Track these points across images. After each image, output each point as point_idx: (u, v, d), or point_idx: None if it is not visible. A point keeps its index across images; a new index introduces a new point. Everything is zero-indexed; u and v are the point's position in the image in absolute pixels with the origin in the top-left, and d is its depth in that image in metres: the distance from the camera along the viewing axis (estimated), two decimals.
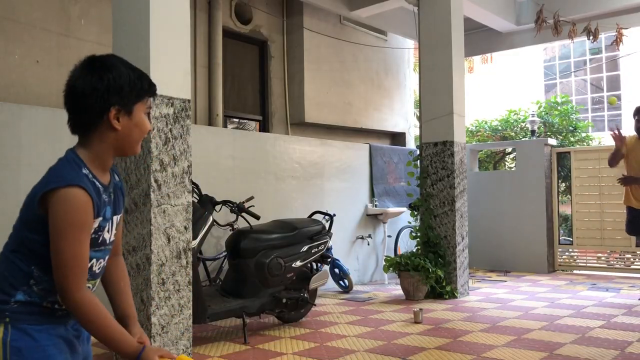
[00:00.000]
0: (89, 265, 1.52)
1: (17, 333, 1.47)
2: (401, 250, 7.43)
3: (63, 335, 1.56)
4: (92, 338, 1.62)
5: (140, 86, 1.56)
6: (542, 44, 9.93)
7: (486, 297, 6.09)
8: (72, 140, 1.66)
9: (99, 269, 1.61)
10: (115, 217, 1.63)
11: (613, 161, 5.81)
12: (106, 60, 1.56)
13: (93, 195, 1.49)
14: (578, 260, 8.13)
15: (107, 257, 1.64)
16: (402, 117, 9.34)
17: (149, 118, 1.63)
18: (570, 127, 11.60)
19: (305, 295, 4.73)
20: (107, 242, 1.60)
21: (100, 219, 1.54)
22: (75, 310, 1.47)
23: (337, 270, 6.51)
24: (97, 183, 1.55)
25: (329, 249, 5.33)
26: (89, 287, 1.54)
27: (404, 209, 7.41)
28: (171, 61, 3.63)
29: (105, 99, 1.50)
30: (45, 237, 1.47)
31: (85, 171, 1.53)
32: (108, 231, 1.60)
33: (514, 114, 11.94)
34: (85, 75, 1.52)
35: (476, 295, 6.17)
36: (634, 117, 5.69)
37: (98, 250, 1.57)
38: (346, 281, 6.49)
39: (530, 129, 11.34)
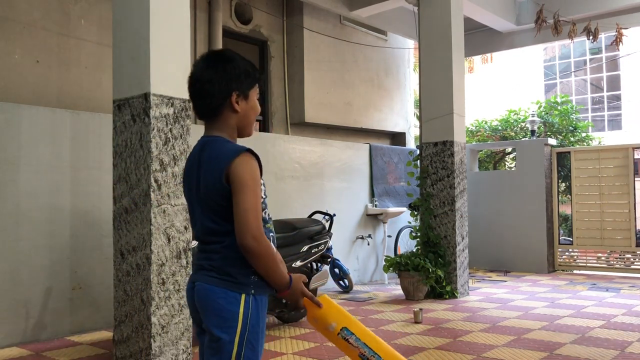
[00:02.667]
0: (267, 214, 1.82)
1: (255, 305, 1.75)
2: (401, 250, 7.44)
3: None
4: None
5: (253, 74, 1.83)
6: (542, 44, 9.94)
7: (486, 297, 6.09)
8: (72, 140, 1.67)
9: (268, 216, 1.87)
10: None
11: None
12: (225, 53, 1.84)
13: (258, 159, 1.78)
14: (578, 260, 8.13)
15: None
16: (402, 117, 9.34)
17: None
18: (570, 127, 11.61)
19: None
20: (267, 221, 1.86)
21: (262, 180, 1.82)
22: (258, 249, 1.67)
23: (337, 270, 6.51)
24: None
25: (329, 249, 5.32)
26: (268, 227, 1.82)
27: (404, 209, 7.41)
28: (171, 61, 3.63)
29: (228, 85, 1.77)
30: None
31: (248, 147, 1.78)
32: (266, 207, 1.87)
33: (514, 114, 11.95)
34: (210, 66, 1.79)
35: (476, 295, 6.17)
36: None
37: (265, 202, 1.84)
38: (346, 281, 6.49)
39: (530, 129, 11.35)
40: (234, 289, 1.72)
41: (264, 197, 1.80)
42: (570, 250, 8.20)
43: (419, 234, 6.28)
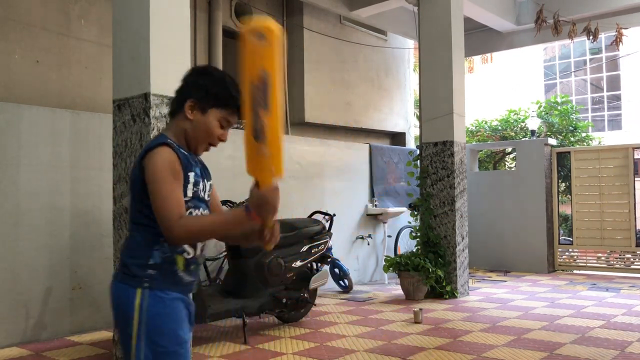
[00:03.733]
0: (199, 212, 1.78)
1: (152, 299, 1.69)
2: (401, 250, 7.43)
3: (186, 305, 1.79)
4: None
5: (221, 96, 1.78)
6: (542, 44, 9.94)
7: (486, 297, 6.09)
8: (72, 140, 1.69)
9: (205, 195, 1.85)
10: (207, 182, 1.86)
11: None
12: (209, 67, 1.89)
13: (178, 152, 1.73)
14: (578, 260, 8.13)
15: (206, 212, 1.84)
16: (402, 117, 9.34)
17: (226, 130, 1.83)
18: (570, 127, 11.61)
19: (305, 295, 4.73)
20: (205, 199, 1.83)
21: (193, 173, 1.77)
22: (180, 235, 1.63)
23: (337, 270, 6.51)
24: (182, 149, 1.77)
25: (329, 249, 5.32)
26: (195, 258, 1.79)
27: (404, 209, 7.40)
28: (171, 61, 3.63)
29: (190, 90, 1.79)
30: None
31: (169, 140, 1.75)
32: (203, 191, 1.82)
33: (514, 114, 11.95)
34: (191, 72, 1.85)
35: (476, 295, 6.17)
36: None
37: (201, 202, 1.80)
38: (346, 281, 6.48)
39: (530, 129, 11.35)
40: (130, 283, 1.72)
41: (192, 181, 1.75)
42: (570, 250, 8.20)
43: (419, 234, 6.28)
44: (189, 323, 1.81)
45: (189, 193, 1.74)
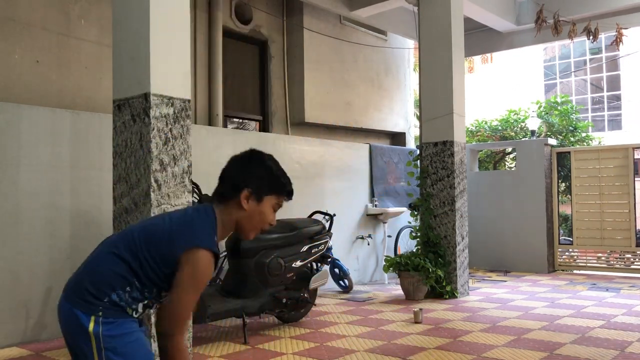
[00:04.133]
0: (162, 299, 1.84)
1: (108, 325, 1.72)
2: (401, 250, 7.43)
3: (141, 330, 1.86)
4: None
5: (277, 184, 1.88)
6: (542, 44, 9.94)
7: (486, 297, 6.09)
8: (72, 140, 1.69)
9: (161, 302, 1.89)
10: None
11: None
12: (261, 154, 1.92)
13: (215, 262, 1.79)
14: (578, 260, 8.13)
15: None
16: (402, 117, 9.34)
17: (274, 213, 1.93)
18: (570, 127, 11.61)
19: (305, 295, 4.73)
20: None
21: None
22: (175, 349, 1.74)
23: (337, 270, 6.51)
24: (216, 248, 1.82)
25: (329, 249, 5.32)
26: (147, 307, 1.84)
27: (404, 209, 7.40)
28: (171, 61, 3.63)
29: (246, 180, 1.84)
30: (161, 272, 1.75)
31: (215, 238, 1.81)
32: None
33: (514, 114, 11.95)
34: (242, 159, 1.89)
35: (476, 295, 6.17)
36: None
37: None
38: (346, 281, 6.48)
39: (530, 129, 11.35)
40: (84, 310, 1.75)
41: None
42: (570, 250, 8.20)
43: (419, 234, 6.28)
44: None
45: None
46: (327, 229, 5.18)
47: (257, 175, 1.85)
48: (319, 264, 5.09)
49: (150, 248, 1.76)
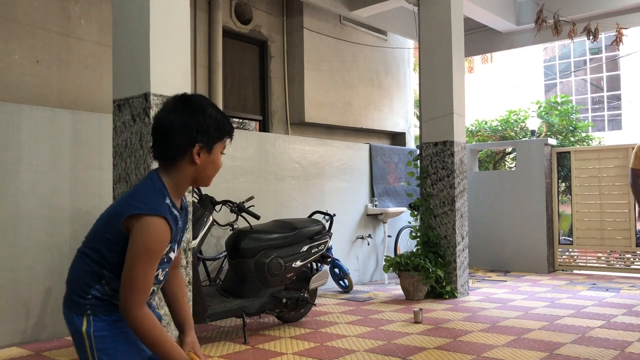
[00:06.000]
0: (156, 274, 1.72)
1: (98, 324, 1.68)
2: (401, 250, 7.44)
3: None
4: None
5: (223, 128, 1.75)
6: (542, 44, 9.93)
7: (486, 297, 6.09)
8: (72, 140, 1.69)
9: (163, 277, 1.81)
10: (181, 238, 1.84)
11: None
12: (197, 101, 1.75)
13: (172, 226, 1.68)
14: (578, 260, 8.13)
15: (169, 268, 1.85)
16: (402, 117, 9.34)
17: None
18: (570, 127, 11.61)
19: (305, 295, 4.73)
20: (172, 259, 1.82)
21: (171, 244, 1.74)
22: (134, 325, 1.63)
23: (337, 270, 6.51)
24: (175, 211, 1.74)
25: (329, 249, 5.33)
26: (153, 289, 1.75)
27: (404, 209, 7.41)
28: (171, 61, 3.63)
29: (193, 136, 1.69)
30: (122, 252, 1.65)
31: (167, 201, 1.71)
32: (174, 251, 1.80)
33: (514, 114, 11.95)
34: (178, 112, 1.71)
35: (476, 295, 6.17)
36: None
37: (165, 263, 1.78)
38: (346, 281, 6.48)
39: (530, 129, 11.35)
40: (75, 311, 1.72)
41: (166, 250, 1.72)
42: (570, 250, 8.20)
43: (419, 234, 6.28)
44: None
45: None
46: (327, 229, 5.18)
47: (204, 127, 1.70)
48: (319, 264, 5.09)
49: (103, 233, 1.70)
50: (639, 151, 5.71)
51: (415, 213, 6.46)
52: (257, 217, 4.66)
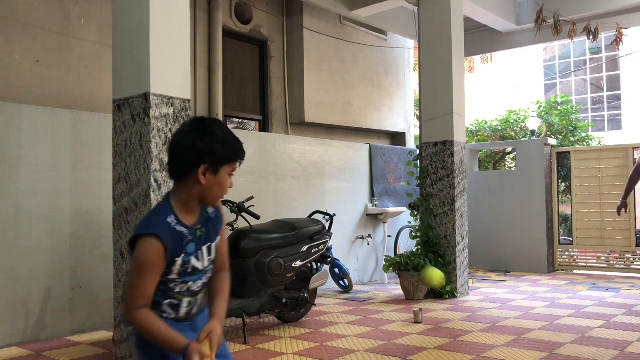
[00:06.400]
0: (187, 286, 1.89)
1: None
2: (401, 250, 7.43)
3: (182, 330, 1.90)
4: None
5: (230, 152, 1.84)
6: (542, 44, 9.93)
7: (486, 297, 6.09)
8: (72, 140, 1.69)
9: (197, 288, 1.94)
10: (205, 247, 1.92)
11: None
12: (208, 124, 1.84)
13: (168, 242, 1.79)
14: (578, 260, 8.13)
15: (206, 276, 1.97)
16: (402, 117, 9.34)
17: (231, 177, 1.90)
18: (570, 127, 11.61)
19: (305, 295, 4.73)
20: (201, 268, 1.92)
21: (183, 256, 1.84)
22: (132, 323, 1.83)
23: (337, 270, 6.51)
24: (181, 227, 1.84)
25: (329, 249, 5.32)
26: (189, 301, 1.93)
27: (404, 209, 7.41)
28: (171, 61, 3.63)
29: (199, 157, 1.79)
30: None
31: (170, 219, 1.83)
32: (199, 259, 1.90)
33: (514, 114, 11.94)
34: (188, 133, 1.82)
35: (476, 295, 6.17)
36: None
37: (192, 275, 1.90)
38: (346, 281, 6.48)
39: (530, 129, 11.35)
40: None
41: (180, 263, 1.85)
42: (570, 250, 8.20)
43: (419, 234, 6.28)
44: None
45: (174, 275, 1.84)
46: (327, 229, 5.18)
47: (210, 150, 1.79)
48: (319, 264, 5.09)
49: None
50: None
51: (415, 213, 6.46)
52: (257, 217, 4.65)
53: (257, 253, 4.39)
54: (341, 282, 6.53)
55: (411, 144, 9.42)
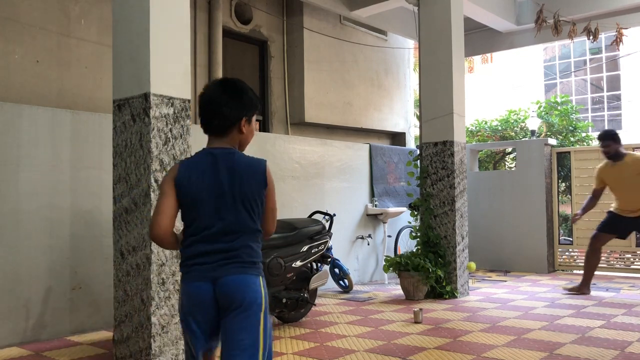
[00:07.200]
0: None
1: (264, 284, 2.11)
2: (401, 250, 7.43)
3: None
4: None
5: (257, 105, 2.21)
6: (542, 44, 9.93)
7: (486, 297, 6.09)
8: (72, 140, 1.67)
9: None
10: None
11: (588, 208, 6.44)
12: (240, 84, 2.18)
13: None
14: (578, 260, 8.12)
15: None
16: (402, 117, 9.34)
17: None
18: (570, 127, 11.60)
19: (305, 295, 4.73)
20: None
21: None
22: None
23: (337, 270, 6.51)
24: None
25: (329, 249, 5.32)
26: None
27: (404, 209, 7.41)
28: (171, 61, 3.63)
29: (241, 112, 2.13)
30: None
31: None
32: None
33: (514, 114, 11.94)
34: (227, 93, 2.13)
35: (476, 295, 6.17)
36: (600, 142, 6.19)
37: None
38: (346, 281, 6.49)
39: (530, 129, 11.35)
40: (257, 274, 2.09)
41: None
42: (570, 250, 8.20)
43: (419, 234, 6.28)
44: None
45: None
46: (327, 229, 5.18)
47: (248, 105, 2.15)
48: (319, 264, 5.09)
49: (251, 200, 2.17)
50: (601, 173, 6.25)
51: (415, 213, 6.46)
52: None
53: None
54: (341, 282, 6.54)
55: (411, 144, 9.42)
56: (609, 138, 6.12)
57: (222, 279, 1.99)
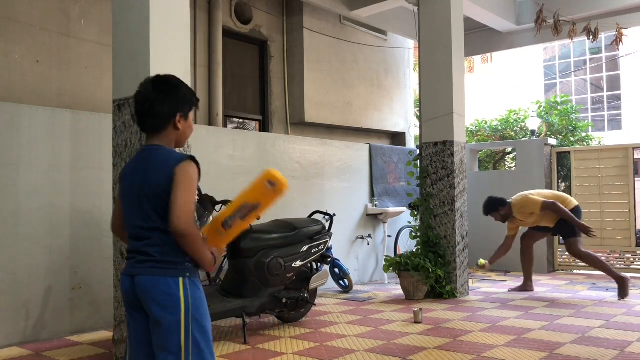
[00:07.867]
0: None
1: (193, 286, 2.03)
2: (401, 250, 7.43)
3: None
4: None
5: (193, 100, 2.18)
6: (542, 44, 9.93)
7: (486, 297, 6.09)
8: (72, 140, 1.67)
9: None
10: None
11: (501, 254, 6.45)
12: (172, 80, 2.15)
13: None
14: (578, 260, 8.11)
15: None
16: (402, 117, 9.34)
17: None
18: (570, 127, 11.60)
19: (305, 295, 4.73)
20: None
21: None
22: (191, 233, 1.98)
23: (337, 270, 6.51)
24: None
25: (329, 249, 5.32)
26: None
27: (404, 209, 7.40)
28: (171, 61, 3.63)
29: (174, 108, 2.11)
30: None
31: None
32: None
33: (514, 114, 11.94)
34: (159, 90, 2.09)
35: (476, 295, 6.17)
36: (486, 214, 6.39)
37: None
38: (346, 281, 6.48)
39: (530, 129, 11.35)
40: (173, 275, 2.00)
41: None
42: None
43: (419, 234, 6.28)
44: None
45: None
46: (327, 229, 5.18)
47: (181, 100, 2.12)
48: (319, 264, 5.09)
49: (158, 196, 2.11)
50: (510, 226, 6.44)
51: (415, 213, 6.46)
52: (257, 217, 4.64)
53: (257, 253, 4.39)
54: (341, 282, 6.54)
55: (411, 144, 9.42)
56: (490, 210, 6.32)
57: (137, 277, 2.02)
